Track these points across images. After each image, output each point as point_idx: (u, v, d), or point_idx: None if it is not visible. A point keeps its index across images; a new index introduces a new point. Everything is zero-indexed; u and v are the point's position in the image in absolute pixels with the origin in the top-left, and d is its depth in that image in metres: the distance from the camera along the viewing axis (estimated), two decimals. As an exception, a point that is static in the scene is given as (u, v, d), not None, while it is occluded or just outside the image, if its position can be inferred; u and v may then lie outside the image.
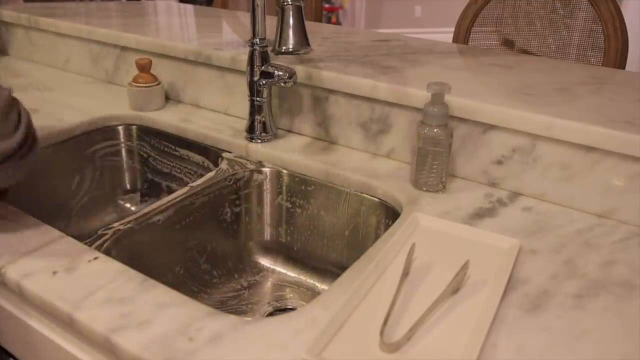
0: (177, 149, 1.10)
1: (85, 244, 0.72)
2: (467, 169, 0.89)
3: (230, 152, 1.02)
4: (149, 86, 1.14)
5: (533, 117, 0.81)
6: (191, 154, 1.08)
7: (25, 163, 0.69)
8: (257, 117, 1.01)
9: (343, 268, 0.68)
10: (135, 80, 1.14)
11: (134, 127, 1.15)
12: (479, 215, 0.80)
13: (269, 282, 0.99)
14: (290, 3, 0.95)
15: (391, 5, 5.73)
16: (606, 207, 0.80)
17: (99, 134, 1.12)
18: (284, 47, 0.97)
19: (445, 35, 1.73)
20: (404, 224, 0.75)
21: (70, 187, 1.09)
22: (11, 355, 0.74)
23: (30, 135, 0.70)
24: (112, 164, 1.16)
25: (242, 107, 1.12)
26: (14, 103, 0.68)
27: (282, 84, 0.95)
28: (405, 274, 0.65)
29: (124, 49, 1.27)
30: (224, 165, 0.99)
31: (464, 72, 1.05)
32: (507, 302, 0.62)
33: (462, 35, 1.54)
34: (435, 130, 0.82)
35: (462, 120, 0.86)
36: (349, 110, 0.98)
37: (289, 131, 1.07)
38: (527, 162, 0.84)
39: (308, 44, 0.98)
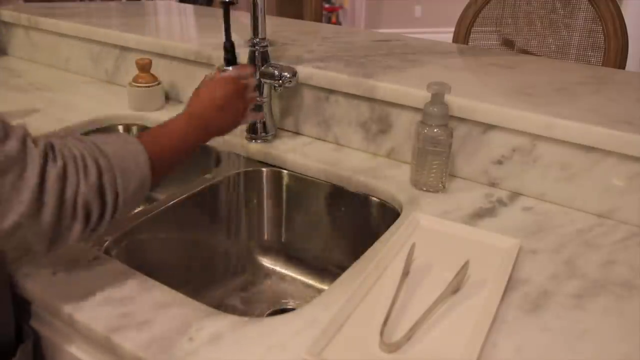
0: (177, 149, 1.10)
1: (85, 244, 0.72)
2: (467, 169, 0.89)
3: (230, 152, 1.02)
4: (149, 86, 1.14)
5: (533, 117, 0.80)
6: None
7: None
8: (257, 117, 1.01)
9: (343, 268, 0.68)
10: (135, 80, 1.14)
11: (134, 127, 1.15)
12: (479, 215, 0.80)
13: (269, 282, 0.99)
14: None
15: (391, 5, 5.72)
16: (606, 207, 0.80)
17: (99, 134, 1.12)
18: None
19: (445, 35, 1.72)
20: (404, 224, 0.75)
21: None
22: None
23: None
24: (112, 164, 1.16)
25: (242, 107, 1.12)
26: None
27: (283, 84, 0.95)
28: (405, 274, 0.65)
29: (124, 49, 1.26)
30: (224, 165, 0.99)
31: (464, 72, 1.05)
32: (507, 302, 0.62)
33: (462, 35, 1.54)
34: (435, 130, 0.82)
35: (462, 120, 0.86)
36: (349, 110, 0.98)
37: (289, 131, 1.07)
38: (527, 162, 0.84)
39: None
